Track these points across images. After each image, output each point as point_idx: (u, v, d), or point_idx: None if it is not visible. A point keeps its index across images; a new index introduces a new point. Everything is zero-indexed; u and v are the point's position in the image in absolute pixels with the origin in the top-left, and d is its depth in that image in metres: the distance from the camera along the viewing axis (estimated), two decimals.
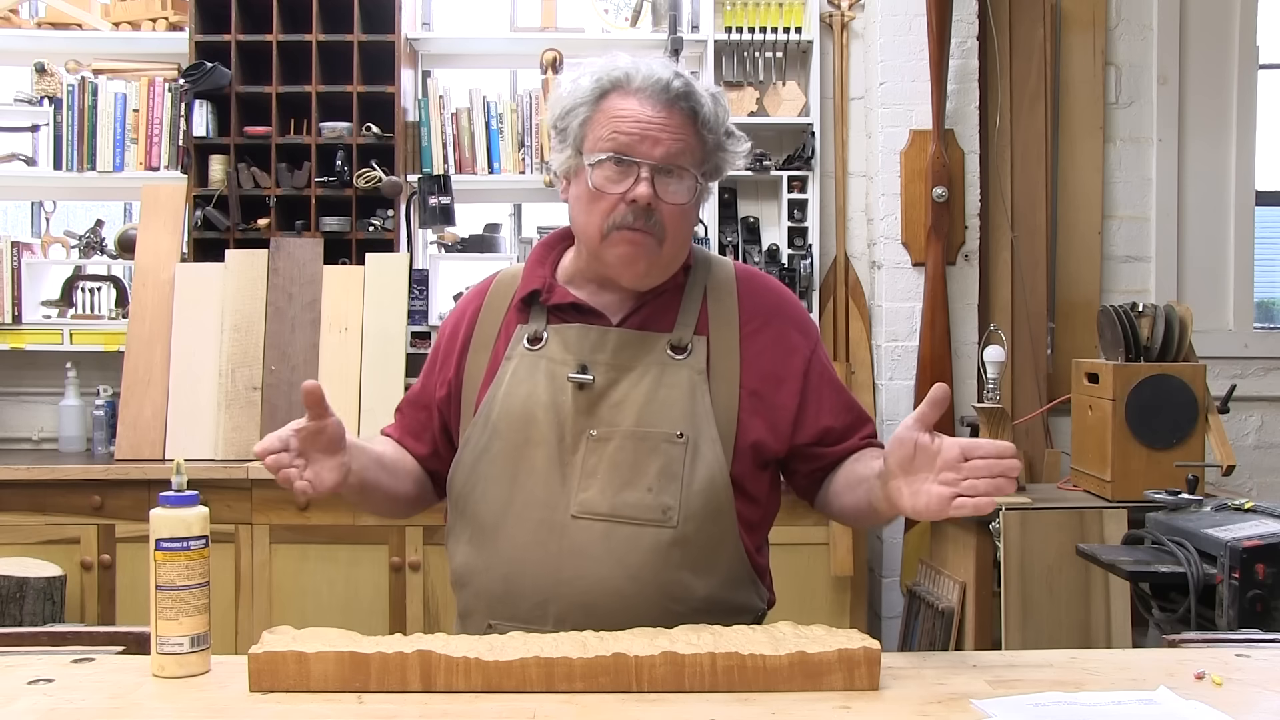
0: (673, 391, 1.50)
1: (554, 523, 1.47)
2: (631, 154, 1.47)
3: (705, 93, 1.51)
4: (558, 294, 1.57)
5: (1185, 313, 3.14)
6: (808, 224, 3.76)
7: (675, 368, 1.51)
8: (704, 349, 1.53)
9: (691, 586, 1.47)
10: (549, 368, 1.53)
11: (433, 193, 3.65)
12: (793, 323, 1.61)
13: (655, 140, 1.47)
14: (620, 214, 1.48)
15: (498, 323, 1.60)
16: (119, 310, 3.75)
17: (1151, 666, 1.35)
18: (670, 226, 1.50)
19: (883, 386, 3.68)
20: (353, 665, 1.22)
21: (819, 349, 1.63)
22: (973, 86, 3.70)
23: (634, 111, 1.48)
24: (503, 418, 1.52)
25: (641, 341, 1.53)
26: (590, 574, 1.45)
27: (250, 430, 3.35)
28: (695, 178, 1.50)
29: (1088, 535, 2.97)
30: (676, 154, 1.48)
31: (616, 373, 1.51)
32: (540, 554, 1.47)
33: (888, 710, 1.19)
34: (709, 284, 1.59)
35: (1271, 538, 1.96)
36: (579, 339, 1.53)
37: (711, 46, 3.73)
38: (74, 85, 3.70)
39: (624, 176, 1.47)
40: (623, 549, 1.46)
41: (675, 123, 1.48)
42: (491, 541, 1.51)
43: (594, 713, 1.18)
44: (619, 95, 1.49)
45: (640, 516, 1.46)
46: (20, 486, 3.24)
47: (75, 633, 1.46)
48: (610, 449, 1.48)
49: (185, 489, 1.29)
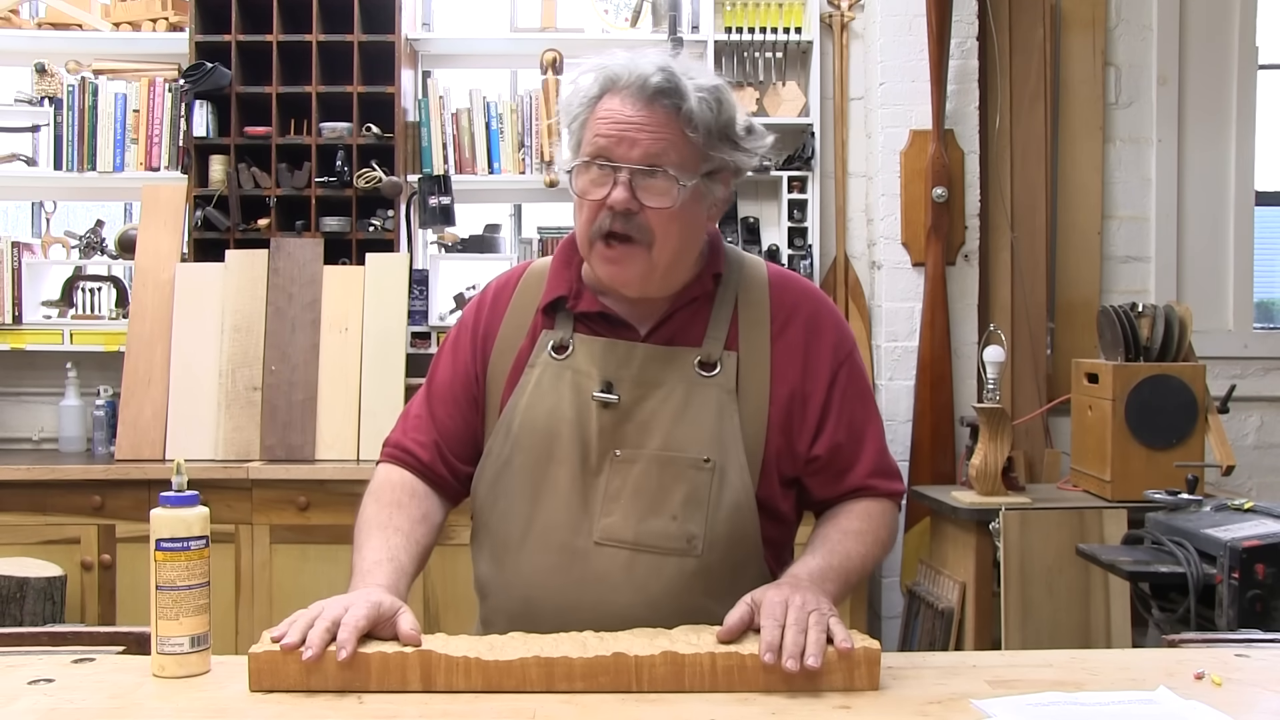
0: (700, 412, 1.45)
1: (576, 548, 1.44)
2: (609, 156, 1.40)
3: (694, 88, 1.40)
4: (585, 301, 1.50)
5: (1185, 313, 3.14)
6: (807, 224, 3.76)
7: (704, 386, 1.46)
8: (733, 365, 1.47)
9: (713, 612, 1.37)
10: (574, 380, 1.47)
11: (433, 193, 3.65)
12: (828, 331, 1.54)
13: (632, 141, 1.39)
14: (601, 220, 1.42)
15: (526, 323, 1.53)
16: (119, 310, 3.75)
17: (1151, 666, 1.34)
18: (658, 232, 1.41)
19: (883, 387, 3.68)
20: (353, 665, 1.22)
21: (851, 363, 1.54)
22: (973, 86, 3.70)
23: (614, 112, 1.41)
24: (525, 430, 1.48)
25: (669, 358, 1.47)
26: (612, 601, 1.42)
27: (250, 430, 3.35)
28: (678, 179, 1.40)
29: (1088, 535, 2.97)
30: (657, 154, 1.39)
31: (643, 390, 1.46)
32: (561, 579, 1.44)
33: (888, 710, 1.19)
34: (740, 290, 1.52)
35: (1271, 538, 1.96)
36: (605, 353, 1.48)
37: (711, 47, 3.73)
38: (74, 85, 3.70)
39: (604, 181, 1.41)
40: (645, 578, 1.43)
41: (655, 121, 1.40)
42: (513, 561, 1.48)
43: (594, 713, 1.18)
44: (609, 96, 1.42)
45: (664, 546, 1.42)
46: (20, 486, 3.24)
47: (75, 633, 1.46)
48: (635, 472, 1.44)
49: (185, 489, 1.29)
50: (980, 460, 3.04)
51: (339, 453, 3.33)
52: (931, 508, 3.32)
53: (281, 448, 3.33)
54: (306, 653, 1.21)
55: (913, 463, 3.63)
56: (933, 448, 3.60)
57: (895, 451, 3.68)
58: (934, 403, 3.60)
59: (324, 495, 3.22)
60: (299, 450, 3.33)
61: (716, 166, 1.46)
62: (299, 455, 3.32)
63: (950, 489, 3.27)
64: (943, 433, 3.60)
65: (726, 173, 1.48)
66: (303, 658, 1.21)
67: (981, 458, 3.04)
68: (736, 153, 1.46)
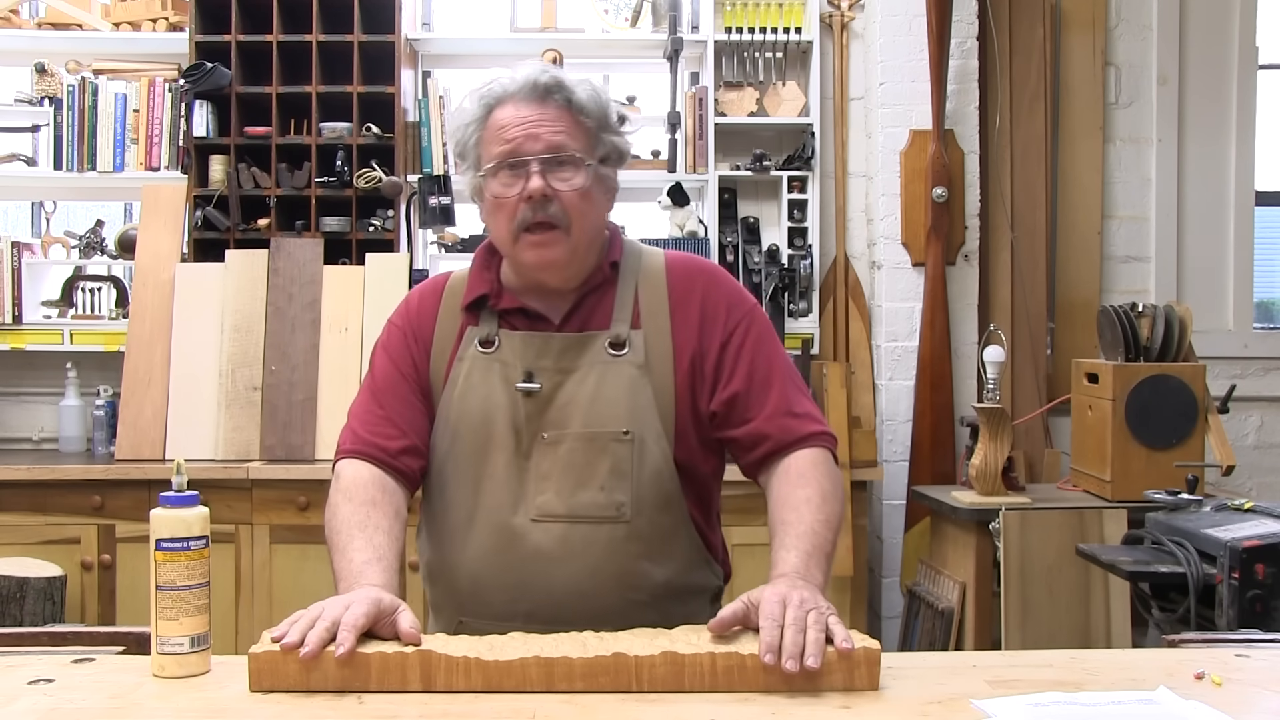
0: (615, 390, 1.55)
1: (515, 527, 1.53)
2: (517, 154, 1.52)
3: (578, 82, 1.56)
4: (505, 299, 1.61)
5: (1185, 313, 3.14)
6: (808, 224, 3.76)
7: (616, 365, 1.56)
8: (641, 342, 1.58)
9: (649, 574, 1.53)
10: (502, 371, 1.57)
11: (433, 193, 3.65)
12: (721, 297, 1.62)
13: (535, 136, 1.51)
14: (522, 214, 1.52)
15: (455, 326, 1.63)
16: (119, 310, 3.75)
17: (1151, 666, 1.34)
18: (574, 214, 1.53)
19: (883, 387, 3.68)
20: (352, 665, 1.22)
21: (749, 321, 1.62)
22: (973, 86, 3.70)
23: (511, 116, 1.53)
24: (462, 420, 1.57)
25: (582, 343, 1.57)
26: (553, 573, 1.51)
27: (250, 430, 3.35)
28: (585, 162, 1.53)
29: (1088, 535, 2.97)
30: (559, 143, 1.52)
31: (561, 376, 1.56)
32: (504, 558, 1.53)
33: (888, 710, 1.19)
34: (640, 275, 1.63)
35: (1271, 538, 1.97)
36: (524, 345, 1.58)
37: (711, 47, 3.73)
38: (74, 85, 3.70)
39: (517, 179, 1.52)
40: (581, 547, 1.52)
41: (551, 115, 1.53)
42: (459, 545, 1.56)
43: (594, 713, 1.18)
44: (500, 107, 1.54)
45: (595, 515, 1.52)
46: (20, 486, 3.24)
47: (75, 633, 1.46)
48: (562, 451, 1.53)
49: (185, 489, 1.29)
50: (980, 460, 3.04)
51: None
52: (931, 508, 3.32)
53: (281, 448, 3.33)
54: (304, 650, 1.21)
55: (913, 463, 3.63)
56: (933, 448, 3.60)
57: (895, 451, 3.73)
58: (934, 403, 3.60)
59: (324, 495, 3.10)
60: (299, 450, 3.33)
61: (607, 151, 1.59)
62: (299, 455, 3.32)
63: (950, 489, 3.27)
64: (943, 433, 3.61)
65: (614, 158, 1.60)
66: (300, 656, 1.21)
67: (981, 458, 3.04)
68: (618, 138, 1.60)
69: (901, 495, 3.64)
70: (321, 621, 1.25)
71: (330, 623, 1.24)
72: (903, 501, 3.64)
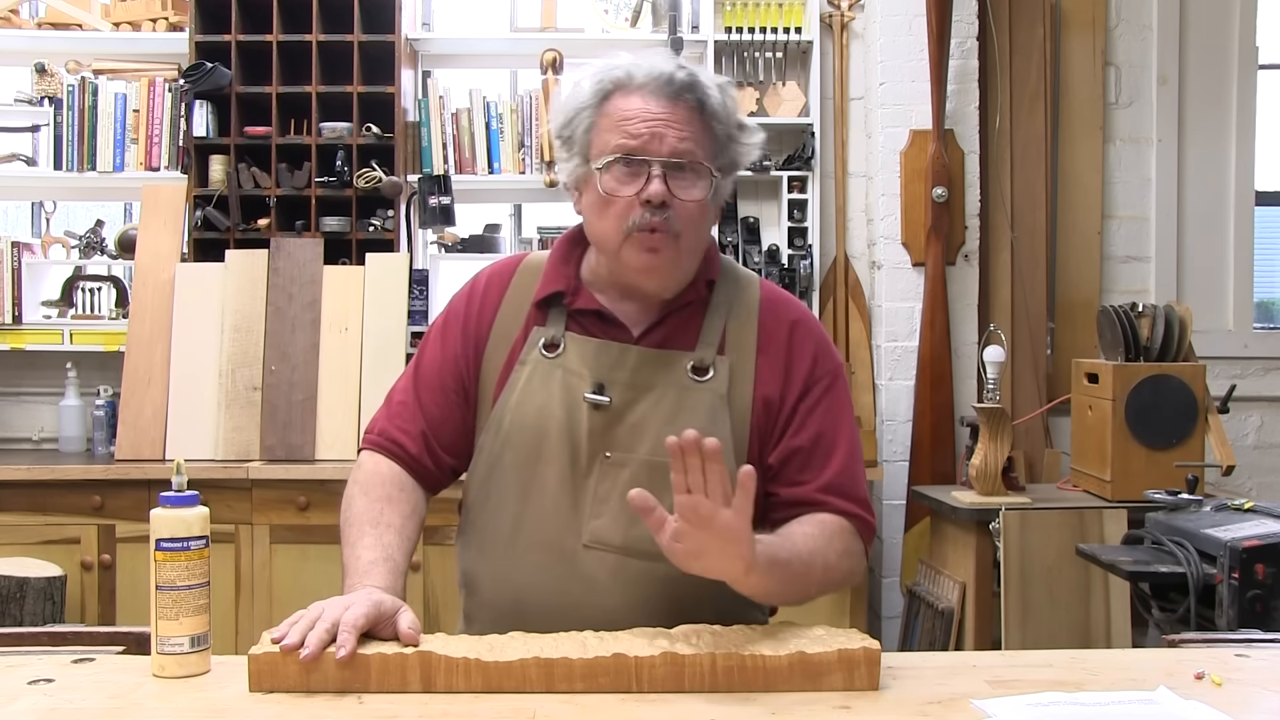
0: (693, 417, 1.44)
1: (565, 549, 1.45)
2: (640, 153, 1.42)
3: (712, 83, 1.46)
4: (582, 298, 1.51)
5: (1185, 313, 3.14)
6: (808, 224, 3.76)
7: (696, 391, 1.46)
8: (725, 371, 1.48)
9: (701, 612, 1.39)
10: (565, 379, 1.47)
11: (433, 193, 3.65)
12: (810, 347, 1.53)
13: (662, 136, 1.42)
14: (637, 216, 1.42)
15: (521, 318, 1.53)
16: (119, 310, 3.75)
17: (1151, 666, 1.35)
18: (686, 225, 1.44)
19: (883, 387, 3.68)
20: (352, 666, 1.22)
21: (830, 381, 1.52)
22: (973, 86, 3.70)
23: (638, 109, 1.43)
24: (515, 428, 1.48)
25: (663, 361, 1.47)
26: (600, 604, 1.43)
27: (250, 430, 3.35)
28: (710, 172, 1.45)
29: (1088, 535, 2.97)
30: (687, 149, 1.43)
31: (635, 393, 1.46)
32: (549, 579, 1.45)
33: (888, 710, 1.19)
34: (733, 302, 1.53)
35: (1271, 538, 1.96)
36: (597, 354, 1.48)
37: (711, 47, 3.73)
38: (74, 85, 3.70)
39: (634, 177, 1.42)
40: (633, 582, 1.43)
41: (682, 116, 1.43)
42: (502, 558, 1.49)
43: (594, 713, 1.18)
44: (621, 95, 1.44)
45: (653, 551, 1.34)
46: (20, 486, 3.24)
47: (75, 633, 1.46)
48: (625, 476, 1.44)
49: (185, 489, 1.29)
50: (980, 460, 3.04)
51: (339, 453, 3.33)
52: (931, 508, 3.32)
53: (281, 448, 3.33)
54: (304, 652, 1.21)
55: (913, 463, 3.63)
56: (933, 448, 3.60)
57: (895, 451, 3.73)
58: (934, 403, 3.60)
59: (324, 495, 3.22)
60: (299, 450, 3.33)
61: (729, 160, 1.49)
62: (299, 455, 3.32)
63: (950, 489, 3.27)
64: (943, 433, 3.61)
65: (730, 167, 1.51)
66: (300, 658, 1.21)
67: (981, 458, 3.04)
68: (741, 148, 1.51)
69: (901, 495, 3.64)
70: (321, 622, 1.24)
71: (330, 623, 1.24)
72: (903, 501, 3.64)
